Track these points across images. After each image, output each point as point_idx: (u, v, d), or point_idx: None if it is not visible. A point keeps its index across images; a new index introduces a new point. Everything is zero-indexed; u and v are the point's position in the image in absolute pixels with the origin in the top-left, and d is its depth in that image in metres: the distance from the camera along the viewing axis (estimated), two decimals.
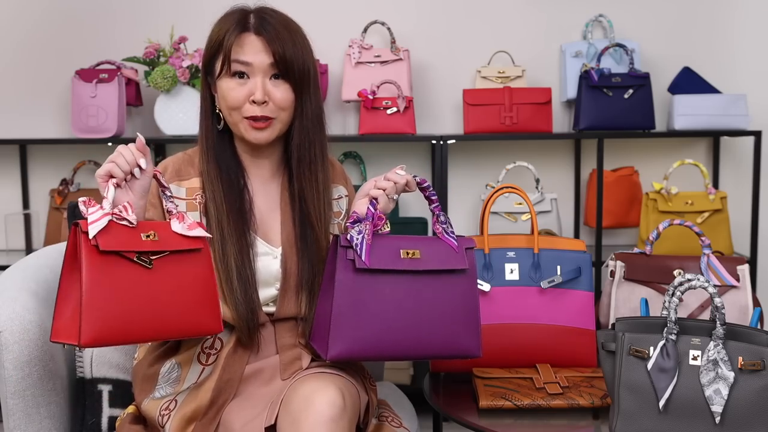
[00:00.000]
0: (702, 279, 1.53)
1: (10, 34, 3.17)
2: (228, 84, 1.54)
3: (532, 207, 1.88)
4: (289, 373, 1.52)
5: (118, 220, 1.33)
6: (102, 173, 1.37)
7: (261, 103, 1.53)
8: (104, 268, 1.28)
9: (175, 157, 1.62)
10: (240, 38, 1.53)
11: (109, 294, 1.28)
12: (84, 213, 1.30)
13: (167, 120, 2.96)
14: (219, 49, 1.55)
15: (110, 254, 1.29)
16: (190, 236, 1.40)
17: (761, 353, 1.47)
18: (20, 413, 1.55)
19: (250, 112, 1.53)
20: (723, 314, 1.49)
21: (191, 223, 1.42)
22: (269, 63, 1.53)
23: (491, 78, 3.06)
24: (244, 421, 1.44)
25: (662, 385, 1.50)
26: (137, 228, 1.34)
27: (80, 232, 1.28)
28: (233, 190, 1.57)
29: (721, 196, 2.91)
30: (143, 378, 1.59)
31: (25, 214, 3.15)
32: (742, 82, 3.13)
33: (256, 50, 1.53)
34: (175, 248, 1.37)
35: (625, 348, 1.55)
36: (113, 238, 1.30)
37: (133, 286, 1.31)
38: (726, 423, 1.47)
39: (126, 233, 1.33)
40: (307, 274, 1.57)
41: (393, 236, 1.55)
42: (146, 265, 1.33)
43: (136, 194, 1.40)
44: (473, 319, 1.53)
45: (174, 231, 1.39)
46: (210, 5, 1.64)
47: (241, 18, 1.55)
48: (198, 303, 1.38)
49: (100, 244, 1.28)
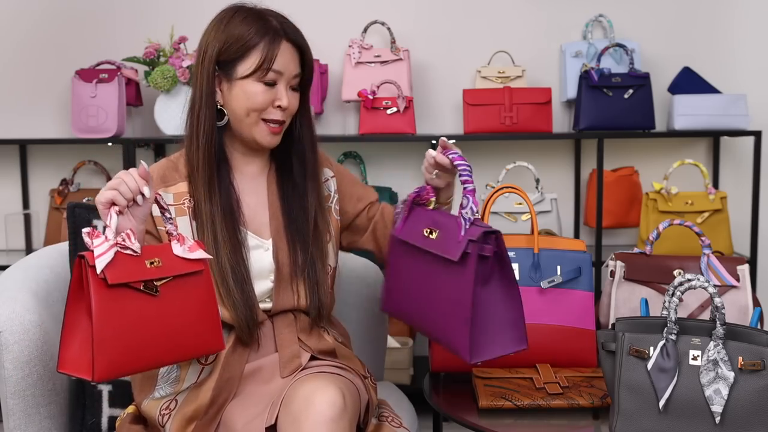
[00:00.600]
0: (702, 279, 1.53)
1: (10, 34, 3.17)
2: (255, 87, 1.54)
3: (532, 207, 1.87)
4: (288, 371, 1.52)
5: (123, 249, 1.32)
6: (104, 200, 1.36)
7: (284, 109, 1.56)
8: (113, 301, 1.28)
9: (158, 164, 1.62)
10: (280, 47, 1.54)
11: (119, 327, 1.28)
12: (89, 245, 1.29)
13: (167, 120, 2.96)
14: (250, 51, 1.53)
15: (118, 287, 1.29)
16: (191, 259, 1.40)
17: (761, 353, 1.47)
18: (20, 413, 1.55)
19: (272, 115, 1.56)
20: (723, 314, 1.49)
21: (191, 245, 1.42)
22: (295, 73, 1.57)
23: (491, 78, 3.06)
24: (244, 420, 1.44)
25: (662, 385, 1.50)
26: (141, 255, 1.34)
27: (87, 265, 1.27)
28: (222, 189, 1.58)
29: (721, 196, 2.91)
30: (142, 378, 1.59)
31: (25, 214, 3.15)
32: (742, 82, 3.13)
33: (288, 60, 1.56)
34: (178, 273, 1.38)
35: (625, 348, 1.54)
36: (120, 269, 1.30)
37: (142, 315, 1.31)
38: (726, 423, 1.47)
39: (131, 262, 1.32)
40: (304, 263, 1.58)
41: (434, 212, 1.57)
42: (152, 293, 1.33)
43: (137, 219, 1.40)
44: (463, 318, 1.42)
45: (176, 254, 1.39)
46: (210, 5, 1.64)
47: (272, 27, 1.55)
48: (201, 324, 1.39)
49: (109, 278, 1.28)
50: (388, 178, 3.17)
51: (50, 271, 1.73)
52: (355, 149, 3.15)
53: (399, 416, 1.65)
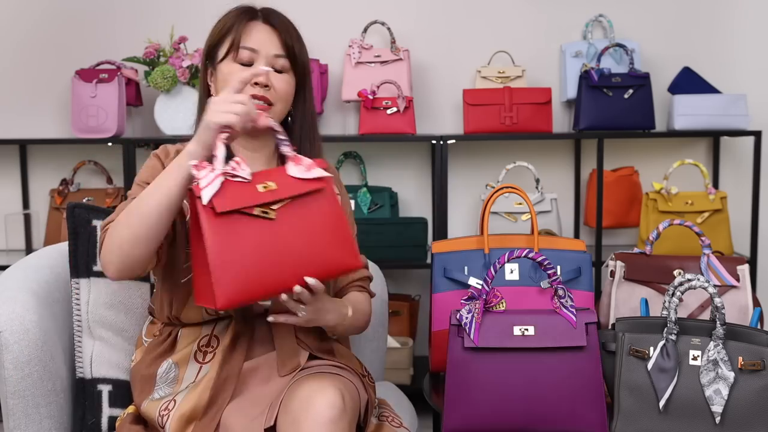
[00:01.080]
0: (702, 279, 1.53)
1: (10, 34, 3.17)
2: (230, 68, 1.56)
3: (532, 207, 1.87)
4: (287, 370, 1.52)
5: (232, 177, 1.29)
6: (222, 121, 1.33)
7: (263, 86, 1.54)
8: (226, 229, 1.26)
9: (175, 146, 1.63)
10: (249, 25, 1.57)
11: (236, 254, 1.25)
12: (196, 177, 1.27)
13: (167, 120, 2.96)
14: (225, 34, 1.57)
15: (230, 213, 1.27)
16: (309, 178, 1.36)
17: (761, 353, 1.47)
18: (20, 413, 1.55)
19: (251, 92, 1.52)
20: (723, 314, 1.49)
21: (309, 164, 1.37)
22: (275, 53, 1.56)
23: (491, 78, 3.06)
24: (243, 422, 1.44)
25: (662, 385, 1.50)
26: (252, 181, 1.31)
27: (194, 197, 1.26)
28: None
29: (721, 196, 2.91)
30: (142, 380, 1.59)
31: (25, 214, 3.15)
32: (742, 82, 3.13)
33: (263, 39, 1.56)
34: (294, 194, 1.33)
35: (625, 348, 1.55)
36: (229, 197, 1.27)
37: (259, 240, 1.28)
38: (726, 423, 1.47)
39: (242, 189, 1.29)
40: None
41: (508, 312, 1.59)
42: (268, 216, 1.30)
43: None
44: (596, 396, 1.55)
45: (290, 175, 1.35)
46: (210, 5, 1.65)
47: (250, 9, 1.59)
48: (331, 242, 1.34)
49: (217, 207, 1.25)
50: (388, 178, 3.17)
51: (50, 271, 1.73)
52: (355, 149, 3.15)
53: (399, 416, 1.65)
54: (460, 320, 1.56)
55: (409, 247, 2.88)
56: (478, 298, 1.57)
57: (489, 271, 1.60)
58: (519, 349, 1.55)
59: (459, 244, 1.89)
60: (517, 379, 1.54)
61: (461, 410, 1.55)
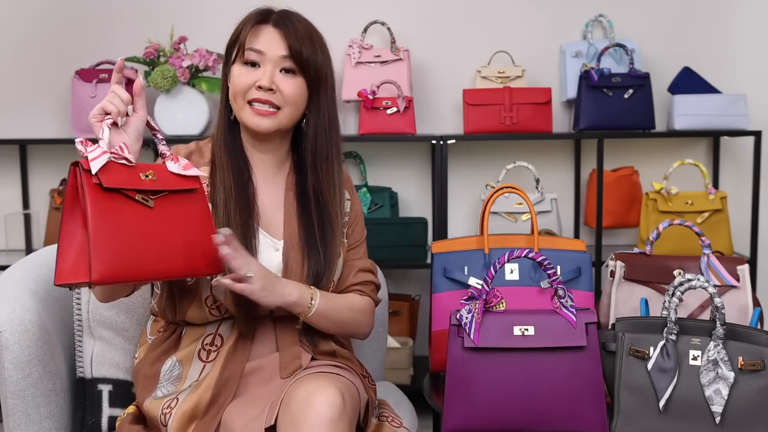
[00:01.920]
0: (702, 279, 1.53)
1: (10, 34, 3.17)
2: (238, 70, 1.57)
3: (532, 207, 1.87)
4: (288, 371, 1.52)
5: (117, 159, 1.32)
6: (96, 112, 1.38)
7: (267, 90, 1.54)
8: (108, 205, 1.28)
9: (186, 146, 1.64)
10: (257, 28, 1.57)
11: (116, 230, 1.27)
12: (83, 152, 1.30)
13: (167, 120, 2.96)
14: (237, 37, 1.58)
15: (112, 192, 1.29)
16: (186, 176, 1.41)
17: (761, 353, 1.47)
18: (20, 413, 1.55)
19: (254, 95, 1.54)
20: (723, 314, 1.49)
21: (186, 164, 1.43)
22: (281, 55, 1.55)
23: (491, 78, 3.06)
24: (244, 421, 1.44)
25: (662, 385, 1.50)
26: (135, 168, 1.35)
27: (82, 170, 1.28)
28: (240, 179, 1.59)
29: (721, 196, 2.91)
30: (145, 377, 1.59)
31: (25, 214, 3.15)
32: (742, 82, 3.13)
33: (270, 41, 1.56)
34: (173, 188, 1.38)
35: (625, 348, 1.55)
36: (114, 176, 1.30)
37: (137, 223, 1.31)
38: (726, 423, 1.47)
39: (125, 172, 1.33)
40: (311, 273, 1.57)
41: (508, 312, 1.59)
42: (147, 204, 1.33)
43: (130, 136, 1.40)
44: (596, 396, 1.55)
45: (170, 171, 1.40)
46: (210, 5, 1.65)
47: (264, 11, 1.59)
48: (196, 244, 1.39)
49: (103, 181, 1.28)
50: (388, 178, 3.17)
51: (50, 271, 1.72)
52: (355, 149, 3.15)
53: (399, 416, 1.65)
54: (460, 320, 1.56)
55: (409, 247, 2.88)
56: (478, 298, 1.57)
57: (489, 271, 1.60)
58: (519, 349, 1.55)
59: (459, 244, 1.89)
60: (517, 379, 1.54)
61: (461, 410, 1.55)
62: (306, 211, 1.61)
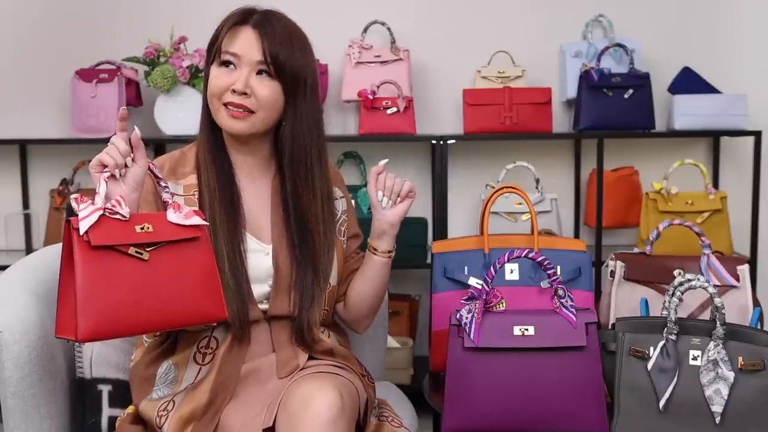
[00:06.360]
0: (702, 279, 1.53)
1: (10, 34, 3.17)
2: (215, 72, 1.56)
3: (532, 207, 1.87)
4: (285, 372, 1.52)
5: (111, 214, 1.33)
6: (95, 163, 1.37)
7: (241, 94, 1.53)
8: (98, 263, 1.29)
9: (170, 155, 1.63)
10: (235, 29, 1.55)
11: (105, 288, 1.28)
12: (76, 210, 1.31)
13: (167, 120, 2.96)
14: (216, 38, 1.57)
15: (103, 249, 1.30)
16: (187, 225, 1.40)
17: (761, 353, 1.47)
18: (20, 413, 1.55)
19: (228, 98, 1.53)
20: (723, 314, 1.49)
21: (188, 212, 1.42)
22: (257, 59, 1.53)
23: (491, 78, 3.06)
24: (242, 422, 1.44)
25: (662, 386, 1.50)
26: (131, 221, 1.35)
27: (72, 228, 1.29)
28: (224, 180, 1.58)
29: (721, 196, 2.91)
30: (140, 380, 1.59)
31: (25, 214, 3.15)
32: (742, 82, 3.13)
33: (247, 43, 1.54)
34: (170, 238, 1.37)
35: (625, 348, 1.55)
36: (105, 232, 1.31)
37: (129, 278, 1.31)
38: (726, 423, 1.47)
39: (119, 227, 1.33)
40: (298, 276, 1.57)
41: (508, 312, 1.60)
42: (141, 257, 1.33)
43: (128, 187, 1.38)
44: (596, 396, 1.55)
45: (169, 221, 1.39)
46: (210, 5, 1.65)
47: (246, 11, 1.58)
48: (201, 291, 1.38)
49: (92, 240, 1.28)
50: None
51: (50, 271, 1.73)
52: (355, 149, 3.15)
53: (399, 416, 1.65)
54: (460, 320, 1.56)
55: (409, 247, 2.88)
56: (478, 298, 1.57)
57: (489, 271, 1.60)
58: (519, 349, 1.55)
59: (459, 244, 1.89)
60: (517, 379, 1.54)
61: (461, 410, 1.55)
62: (287, 216, 1.61)
